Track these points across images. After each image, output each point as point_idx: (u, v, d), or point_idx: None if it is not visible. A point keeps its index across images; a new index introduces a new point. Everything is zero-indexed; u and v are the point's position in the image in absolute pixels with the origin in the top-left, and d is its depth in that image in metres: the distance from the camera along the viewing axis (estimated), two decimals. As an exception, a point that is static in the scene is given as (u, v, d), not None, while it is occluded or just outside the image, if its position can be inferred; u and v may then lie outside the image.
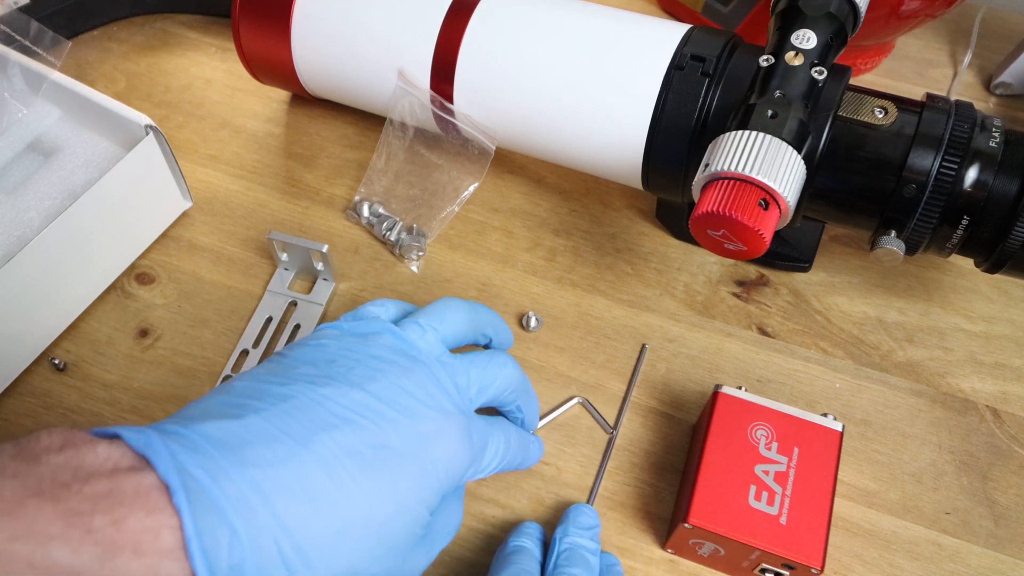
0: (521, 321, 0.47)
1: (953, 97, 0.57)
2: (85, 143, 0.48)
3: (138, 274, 0.49)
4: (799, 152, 0.36)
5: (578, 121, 0.44)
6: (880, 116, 0.39)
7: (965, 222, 0.38)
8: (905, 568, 0.40)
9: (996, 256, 0.39)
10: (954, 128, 0.38)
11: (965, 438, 0.44)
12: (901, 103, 0.40)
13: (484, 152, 0.48)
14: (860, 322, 0.47)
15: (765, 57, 0.39)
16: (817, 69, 0.38)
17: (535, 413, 0.40)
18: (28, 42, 0.49)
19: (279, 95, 0.58)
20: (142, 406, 0.44)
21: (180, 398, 0.44)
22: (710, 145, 0.38)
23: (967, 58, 0.60)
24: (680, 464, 0.42)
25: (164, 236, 0.50)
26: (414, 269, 0.49)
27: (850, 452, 0.43)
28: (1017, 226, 0.37)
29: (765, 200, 0.35)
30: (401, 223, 0.50)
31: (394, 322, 0.35)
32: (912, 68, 0.61)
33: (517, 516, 0.41)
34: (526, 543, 0.37)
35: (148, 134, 0.45)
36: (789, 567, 0.35)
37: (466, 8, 0.46)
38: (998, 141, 0.38)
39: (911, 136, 0.38)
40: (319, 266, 0.47)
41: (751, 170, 0.35)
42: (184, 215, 0.51)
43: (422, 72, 0.47)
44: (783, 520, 0.35)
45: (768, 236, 0.35)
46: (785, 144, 0.36)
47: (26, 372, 0.44)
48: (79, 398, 0.44)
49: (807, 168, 0.37)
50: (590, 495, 0.41)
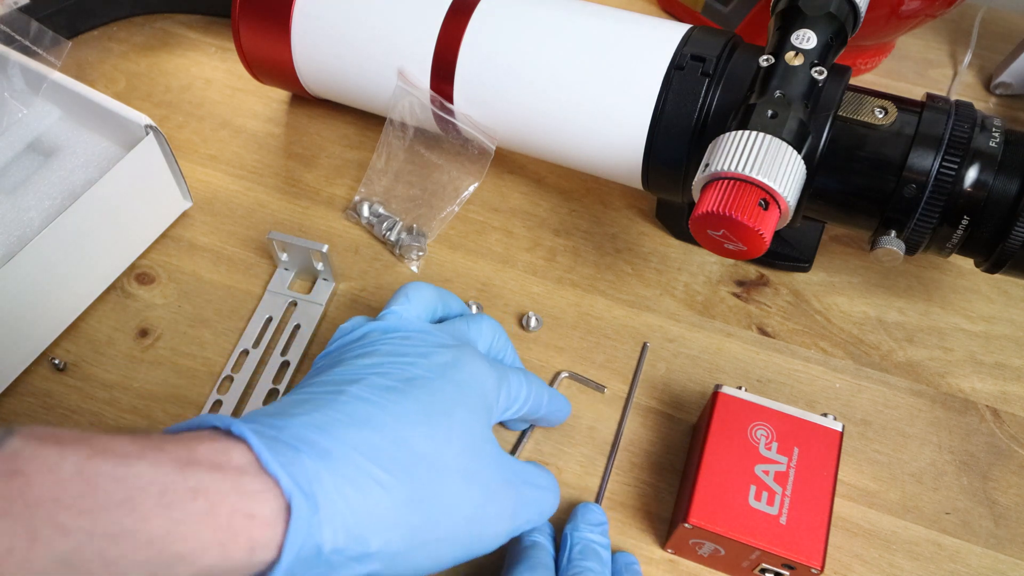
0: (521, 321, 0.47)
1: (953, 97, 0.57)
2: (85, 143, 0.48)
3: (138, 274, 0.49)
4: (799, 152, 0.36)
5: (578, 121, 0.44)
6: (880, 116, 0.39)
7: (965, 222, 0.38)
8: (905, 568, 0.40)
9: (996, 256, 0.39)
10: (954, 128, 0.38)
11: (965, 438, 0.44)
12: (901, 103, 0.40)
13: (484, 152, 0.48)
14: (860, 322, 0.47)
15: (765, 57, 0.39)
16: (817, 69, 0.38)
17: (521, 365, 0.41)
18: (28, 42, 0.49)
19: (279, 95, 0.58)
20: (142, 406, 0.44)
21: (180, 398, 0.44)
22: (710, 145, 0.38)
23: (967, 58, 0.60)
24: (680, 464, 0.42)
25: (164, 236, 0.50)
26: (414, 269, 0.49)
27: (850, 452, 0.43)
28: (1017, 226, 0.37)
29: (765, 200, 0.35)
30: (401, 223, 0.50)
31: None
32: (912, 68, 0.61)
33: (517, 516, 0.41)
34: (540, 539, 0.37)
35: (148, 134, 0.45)
36: (789, 567, 0.35)
37: (466, 8, 0.46)
38: (998, 141, 0.38)
39: (911, 136, 0.38)
40: (319, 266, 0.47)
41: (751, 170, 0.35)
42: (184, 215, 0.51)
43: (422, 72, 0.47)
44: (783, 520, 0.35)
45: (768, 236, 0.35)
46: (785, 144, 0.36)
47: (26, 372, 0.45)
48: (79, 398, 0.44)
49: (807, 168, 0.37)
50: (598, 494, 0.41)
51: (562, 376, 0.44)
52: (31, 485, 0.20)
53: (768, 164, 0.35)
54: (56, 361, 0.45)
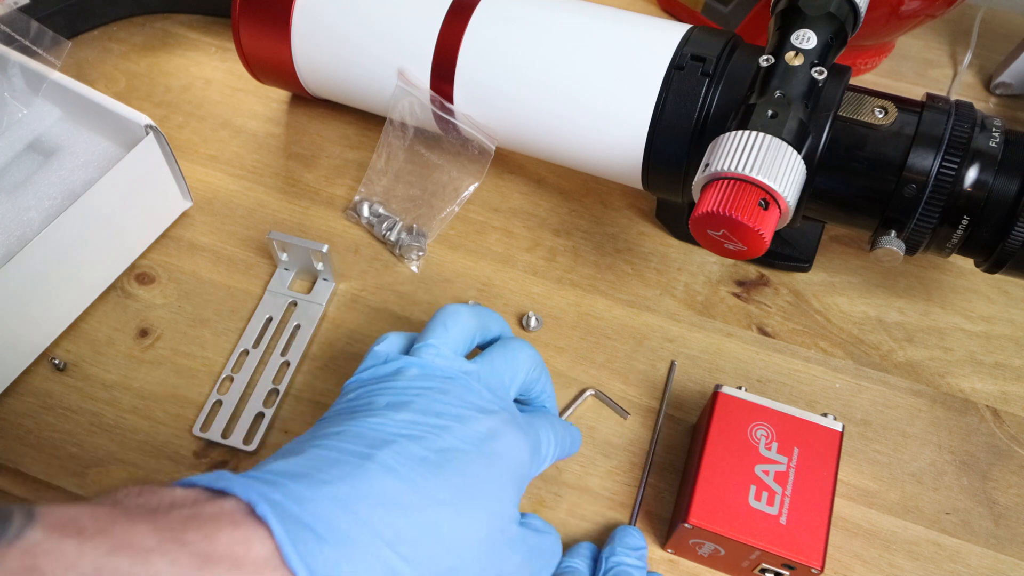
0: (521, 321, 0.47)
1: (953, 97, 0.57)
2: (85, 143, 0.48)
3: (138, 274, 0.49)
4: (799, 152, 0.36)
5: (578, 121, 0.44)
6: (880, 116, 0.39)
7: (965, 222, 0.38)
8: (905, 568, 0.40)
9: (996, 256, 0.39)
10: (954, 128, 0.38)
11: (965, 438, 0.44)
12: (901, 103, 0.40)
13: (484, 152, 0.48)
14: (860, 322, 0.47)
15: (765, 57, 0.39)
16: (817, 69, 0.38)
17: (553, 394, 0.40)
18: (28, 42, 0.49)
19: (279, 95, 0.58)
20: (142, 406, 0.44)
21: (180, 398, 0.44)
22: (710, 145, 0.38)
23: (967, 58, 0.60)
24: (680, 464, 0.42)
25: (164, 236, 0.50)
26: (414, 269, 0.49)
27: (850, 452, 0.43)
28: (1017, 226, 0.37)
29: (765, 200, 0.35)
30: (401, 223, 0.50)
31: (405, 352, 0.35)
32: (912, 68, 0.61)
33: (517, 516, 0.41)
34: (578, 564, 0.37)
35: (148, 134, 0.45)
36: (789, 567, 0.35)
37: (466, 8, 0.46)
38: (998, 141, 0.38)
39: (911, 136, 0.38)
40: (319, 266, 0.47)
41: (751, 170, 0.35)
42: (184, 215, 0.51)
43: (422, 72, 0.47)
44: (783, 520, 0.35)
45: (768, 236, 0.35)
46: (785, 144, 0.36)
47: (26, 372, 0.45)
48: (79, 398, 0.44)
49: (807, 168, 0.37)
50: (632, 515, 0.41)
51: (587, 394, 0.44)
52: None
53: (768, 164, 0.35)
54: (56, 361, 0.45)
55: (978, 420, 0.44)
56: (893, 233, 0.39)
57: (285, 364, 0.45)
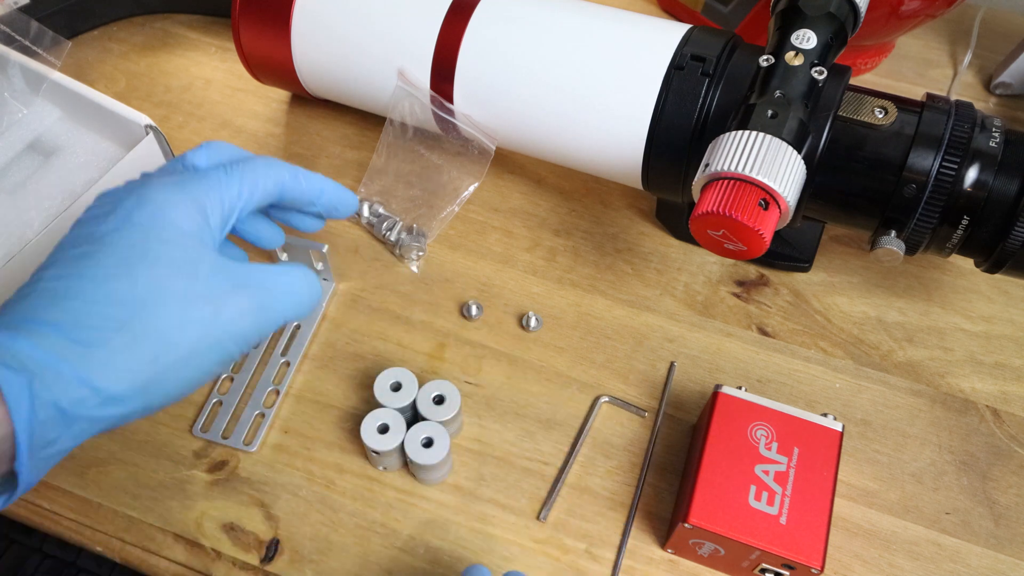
0: (521, 321, 0.47)
1: (953, 97, 0.57)
2: (85, 143, 0.48)
3: (138, 274, 0.49)
4: (799, 152, 0.36)
5: (578, 121, 0.44)
6: (880, 116, 0.39)
7: (965, 222, 0.38)
8: (905, 568, 0.40)
9: (996, 256, 0.39)
10: (954, 128, 0.38)
11: (965, 438, 0.44)
12: (901, 103, 0.40)
13: (484, 152, 0.48)
14: (860, 322, 0.47)
15: (765, 57, 0.39)
16: (817, 69, 0.38)
17: (323, 183, 0.37)
18: (28, 42, 0.49)
19: (279, 95, 0.58)
20: (142, 406, 0.44)
21: (180, 398, 0.44)
22: (710, 145, 0.38)
23: (967, 58, 0.60)
24: (680, 464, 0.42)
25: (164, 236, 0.50)
26: (414, 269, 0.49)
27: (850, 452, 0.43)
28: (1017, 226, 0.37)
29: (765, 200, 0.35)
30: (401, 223, 0.50)
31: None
32: (912, 68, 0.61)
33: (517, 516, 0.41)
34: None
35: (148, 134, 0.45)
36: (789, 567, 0.35)
37: (466, 8, 0.46)
38: (998, 141, 0.38)
39: (911, 136, 0.38)
40: (319, 266, 0.47)
41: (751, 170, 0.35)
42: (184, 215, 0.51)
43: (422, 72, 0.47)
44: (783, 520, 0.35)
45: (768, 236, 0.35)
46: (785, 144, 0.36)
47: (26, 372, 0.44)
48: (79, 398, 0.44)
49: (807, 168, 0.37)
50: (630, 514, 0.41)
51: (602, 401, 0.44)
52: None
53: (768, 164, 0.35)
54: (56, 361, 0.45)
55: (978, 420, 0.44)
56: (893, 233, 0.39)
57: (285, 364, 0.45)
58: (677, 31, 0.43)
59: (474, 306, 0.47)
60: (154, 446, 0.43)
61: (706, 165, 0.37)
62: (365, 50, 0.48)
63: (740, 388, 0.39)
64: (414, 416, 0.42)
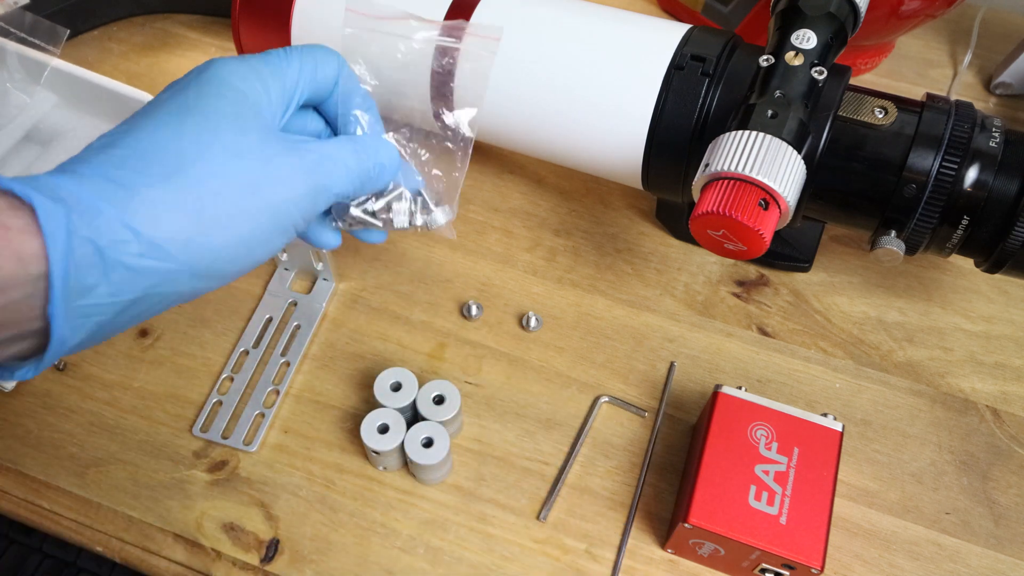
0: (521, 321, 0.47)
1: (953, 97, 0.57)
2: (86, 127, 0.48)
3: (138, 274, 0.49)
4: (799, 152, 0.36)
5: (578, 121, 0.44)
6: (880, 116, 0.39)
7: (965, 222, 0.38)
8: (905, 568, 0.40)
9: (996, 256, 0.39)
10: (954, 128, 0.38)
11: (965, 438, 0.44)
12: (901, 103, 0.40)
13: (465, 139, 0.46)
14: (860, 322, 0.47)
15: (765, 57, 0.39)
16: (817, 69, 0.38)
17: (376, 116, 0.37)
18: (24, 33, 0.49)
19: (279, 95, 0.58)
20: (142, 406, 0.44)
21: (180, 398, 0.44)
22: (710, 145, 0.38)
23: (967, 58, 0.60)
24: (680, 464, 0.42)
25: (164, 236, 0.50)
26: (450, 233, 0.40)
27: (850, 452, 0.43)
28: (1017, 226, 0.37)
29: (765, 200, 0.35)
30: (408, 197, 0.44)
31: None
32: (912, 68, 0.61)
33: (517, 516, 0.41)
34: None
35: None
36: (789, 567, 0.35)
37: (466, 8, 0.46)
38: (998, 141, 0.38)
39: (911, 136, 0.38)
40: (319, 266, 0.47)
41: (751, 170, 0.35)
42: (184, 215, 0.51)
43: (422, 72, 0.47)
44: (783, 520, 0.35)
45: (768, 236, 0.35)
46: (785, 144, 0.36)
47: (26, 372, 0.45)
48: (79, 398, 0.44)
49: (807, 168, 0.37)
50: (629, 514, 0.41)
51: (602, 401, 0.44)
52: None
53: (768, 164, 0.35)
54: (56, 361, 0.45)
55: (978, 420, 0.44)
56: (893, 233, 0.39)
57: (285, 364, 0.45)
58: (677, 31, 0.43)
59: (474, 306, 0.47)
60: (154, 446, 0.43)
61: (706, 165, 0.37)
62: (365, 50, 0.48)
63: (740, 388, 0.39)
64: (414, 416, 0.42)
